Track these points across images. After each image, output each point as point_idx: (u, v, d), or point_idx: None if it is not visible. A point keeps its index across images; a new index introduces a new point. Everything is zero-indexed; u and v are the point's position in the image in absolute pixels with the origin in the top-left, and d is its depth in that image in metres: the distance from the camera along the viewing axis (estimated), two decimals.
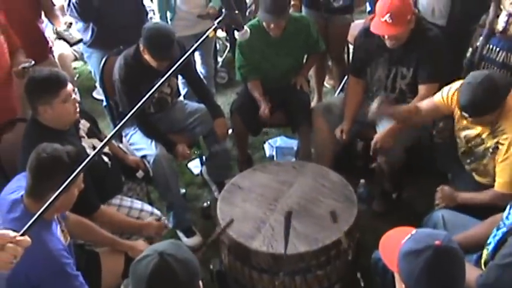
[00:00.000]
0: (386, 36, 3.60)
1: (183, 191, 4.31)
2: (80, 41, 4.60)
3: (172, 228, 3.91)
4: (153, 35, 3.61)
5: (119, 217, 3.27)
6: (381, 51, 3.77)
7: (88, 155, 3.03)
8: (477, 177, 3.31)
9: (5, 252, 1.80)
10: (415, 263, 1.97)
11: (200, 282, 1.94)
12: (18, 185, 2.63)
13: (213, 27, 2.46)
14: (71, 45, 5.10)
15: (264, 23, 4.02)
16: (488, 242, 2.63)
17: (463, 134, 3.26)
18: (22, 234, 1.84)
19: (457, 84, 3.21)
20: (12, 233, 1.83)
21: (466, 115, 3.00)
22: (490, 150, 3.11)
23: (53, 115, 3.02)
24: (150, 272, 1.81)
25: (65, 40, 4.93)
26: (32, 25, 4.14)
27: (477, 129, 3.16)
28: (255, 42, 4.01)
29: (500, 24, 3.69)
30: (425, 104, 3.41)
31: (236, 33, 2.70)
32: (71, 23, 4.95)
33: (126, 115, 2.10)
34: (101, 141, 3.42)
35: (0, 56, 3.47)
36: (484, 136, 3.13)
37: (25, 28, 3.97)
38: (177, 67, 2.30)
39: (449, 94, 3.25)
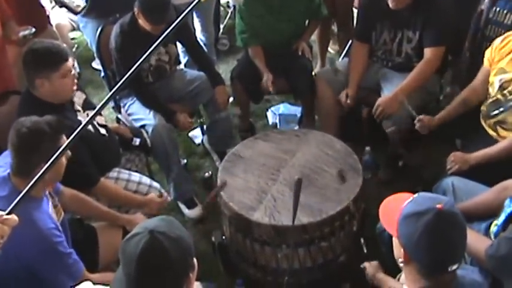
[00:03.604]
0: None
1: (184, 161, 4.24)
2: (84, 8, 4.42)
3: (173, 200, 3.85)
4: None
5: (119, 191, 3.20)
6: (386, 14, 3.66)
7: (85, 130, 2.98)
8: (501, 131, 3.17)
9: None
10: (415, 226, 1.91)
11: (195, 260, 1.85)
12: (5, 162, 2.55)
13: None
14: (76, 13, 4.92)
15: None
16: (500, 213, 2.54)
17: (498, 78, 3.13)
18: (9, 213, 1.76)
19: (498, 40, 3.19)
20: None
21: None
22: None
23: (50, 89, 2.94)
24: (140, 251, 1.72)
25: (68, 8, 4.72)
26: None
27: None
28: (254, 7, 3.92)
29: None
30: (479, 77, 3.31)
31: None
32: None
33: (123, 83, 2.01)
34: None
35: None
36: None
37: None
38: (171, 30, 2.19)
39: (496, 47, 3.18)
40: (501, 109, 3.13)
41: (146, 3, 3.52)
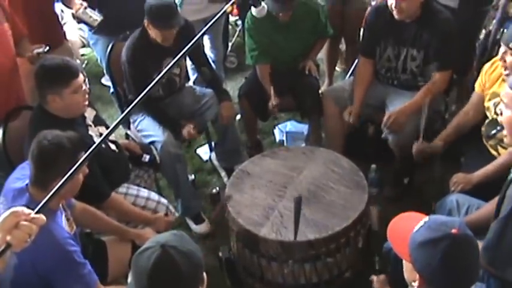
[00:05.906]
0: (394, 5, 3.53)
1: (191, 177, 4.26)
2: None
3: (180, 216, 3.88)
4: (153, 5, 3.59)
5: (128, 207, 3.23)
6: (390, 31, 3.71)
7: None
8: (501, 151, 3.19)
9: (20, 231, 1.72)
10: (433, 254, 1.91)
11: (204, 274, 1.89)
12: (22, 174, 2.59)
13: (231, 2, 2.46)
14: (94, 28, 4.95)
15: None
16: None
17: (492, 102, 3.18)
18: (37, 213, 1.76)
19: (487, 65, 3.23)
20: (26, 210, 1.75)
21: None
22: None
23: (62, 105, 2.98)
24: (151, 264, 1.77)
25: (86, 24, 4.77)
26: (49, 9, 4.09)
27: None
28: (263, 27, 3.98)
29: None
30: (470, 102, 3.38)
31: (253, 9, 2.71)
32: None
33: (134, 101, 2.04)
34: (108, 128, 3.39)
35: (5, 44, 3.39)
36: None
37: (43, 13, 3.93)
38: (187, 49, 2.24)
39: (486, 72, 3.22)
40: (498, 128, 3.16)
41: (153, 10, 3.59)
